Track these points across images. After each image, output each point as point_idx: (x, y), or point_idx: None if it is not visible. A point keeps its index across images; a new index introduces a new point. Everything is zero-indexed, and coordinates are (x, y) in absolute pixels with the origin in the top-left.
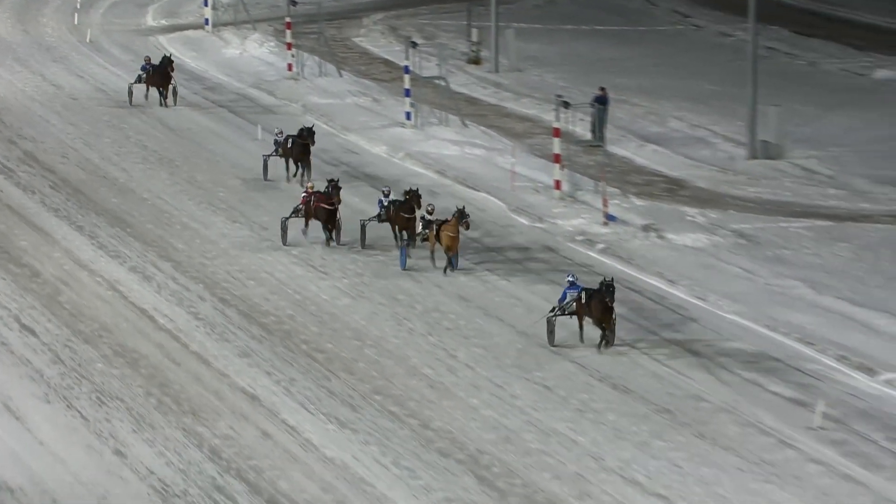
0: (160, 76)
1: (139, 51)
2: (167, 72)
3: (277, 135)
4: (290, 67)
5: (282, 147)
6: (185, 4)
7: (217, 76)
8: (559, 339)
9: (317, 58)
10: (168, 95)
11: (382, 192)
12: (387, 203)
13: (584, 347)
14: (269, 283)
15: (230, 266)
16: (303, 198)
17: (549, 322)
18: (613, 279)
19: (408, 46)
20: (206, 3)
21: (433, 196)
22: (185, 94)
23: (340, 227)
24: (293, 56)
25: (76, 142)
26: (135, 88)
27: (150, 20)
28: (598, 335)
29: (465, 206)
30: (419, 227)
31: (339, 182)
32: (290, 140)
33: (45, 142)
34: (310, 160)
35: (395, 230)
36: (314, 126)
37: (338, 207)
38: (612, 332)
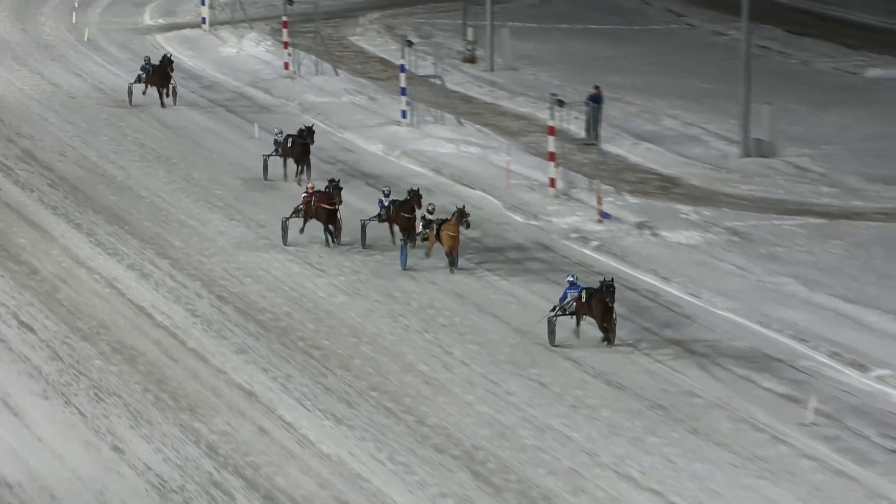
0: (160, 76)
1: (137, 49)
2: (167, 72)
3: (277, 134)
4: (287, 66)
5: (281, 147)
6: (183, 3)
7: (214, 75)
8: (559, 339)
9: (313, 56)
10: (169, 95)
11: (383, 192)
12: (387, 203)
13: (580, 344)
14: (266, 281)
15: (227, 263)
16: (303, 198)
17: (550, 322)
18: (613, 279)
19: (404, 45)
20: (203, 2)
21: (429, 194)
22: (183, 93)
23: (341, 228)
24: (290, 55)
25: (74, 140)
26: (134, 88)
27: (148, 19)
28: (598, 334)
29: (465, 206)
30: (419, 227)
31: (340, 182)
32: (290, 139)
33: (44, 140)
34: (310, 160)
35: (392, 229)
36: (314, 125)
37: (338, 208)
38: (613, 332)
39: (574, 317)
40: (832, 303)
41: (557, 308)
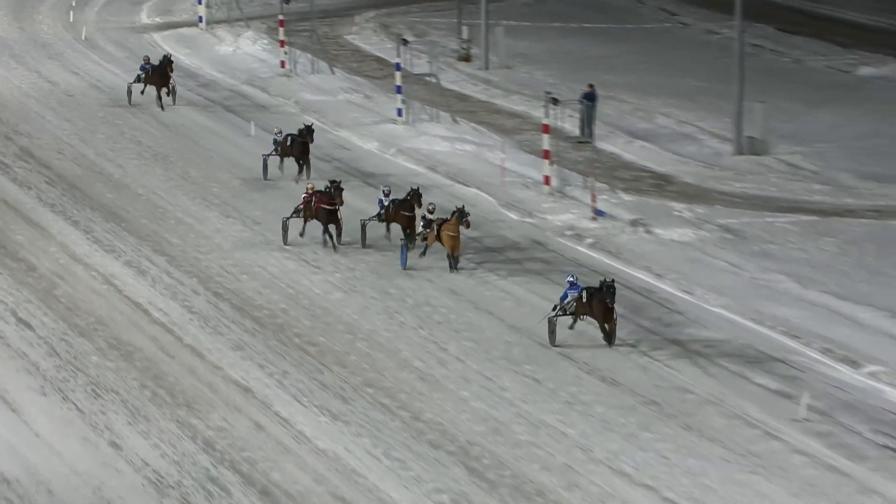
0: (159, 76)
1: (134, 48)
2: (166, 72)
3: (277, 134)
4: (283, 64)
5: (281, 146)
6: (179, 2)
7: (211, 73)
8: (560, 339)
9: (309, 55)
10: (169, 94)
11: (383, 192)
12: (387, 203)
13: (575, 342)
14: (263, 278)
15: (224, 260)
16: (303, 198)
17: (551, 322)
18: (614, 280)
19: (399, 44)
20: (200, 1)
21: (425, 192)
22: (180, 92)
23: (342, 228)
24: (286, 53)
25: (72, 138)
26: (134, 88)
27: (145, 18)
28: (594, 332)
29: (465, 206)
30: (419, 227)
31: (342, 183)
32: (290, 138)
33: (41, 138)
34: (309, 159)
35: (389, 227)
36: (313, 124)
37: (338, 208)
38: (614, 333)
39: (574, 316)
40: (824, 300)
41: (558, 308)
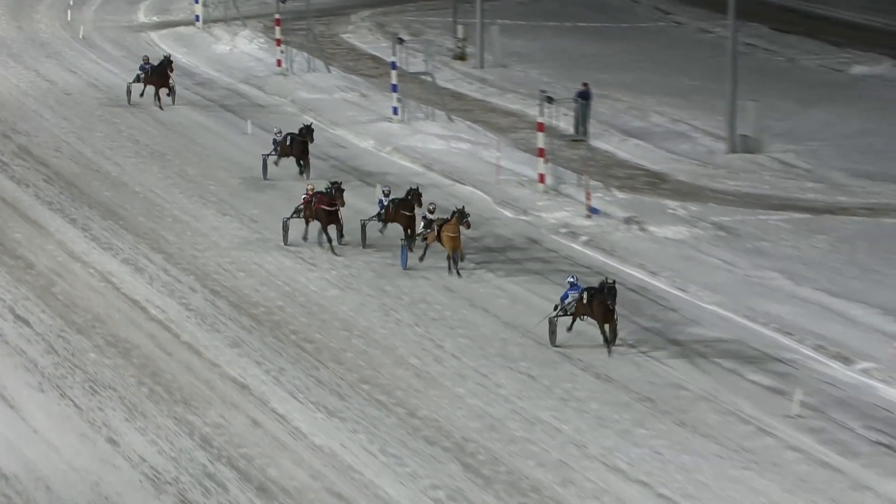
0: (158, 76)
1: (131, 47)
2: (166, 72)
3: (276, 134)
4: (280, 63)
5: (280, 145)
6: (177, 1)
7: (208, 72)
8: (560, 340)
9: (305, 54)
10: (169, 94)
11: (383, 192)
12: (387, 202)
13: (570, 339)
14: (259, 275)
15: (221, 258)
16: (303, 199)
17: (551, 322)
18: (615, 280)
19: (395, 43)
20: (197, 0)
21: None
22: (178, 91)
23: (342, 228)
24: (282, 52)
25: (69, 136)
26: (133, 88)
27: (142, 17)
28: (593, 331)
29: (465, 206)
30: (420, 227)
31: (342, 184)
32: (290, 138)
33: (39, 136)
34: (309, 158)
35: (385, 227)
36: (312, 124)
37: (338, 209)
38: (615, 333)
39: (573, 317)
40: (817, 296)
41: (559, 308)
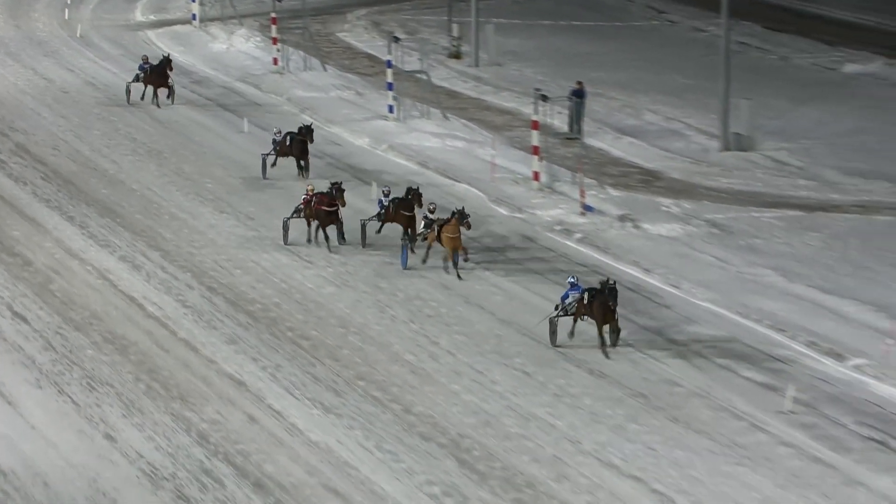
0: (158, 75)
1: (128, 45)
2: (165, 71)
3: (275, 134)
4: (276, 62)
5: (280, 145)
6: (173, 0)
7: (204, 70)
8: (561, 340)
9: (302, 52)
10: (168, 95)
11: (382, 192)
12: (387, 203)
13: (565, 336)
14: (256, 272)
15: (217, 255)
16: (304, 199)
17: (552, 322)
18: (616, 281)
19: (390, 41)
20: None
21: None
22: (175, 89)
23: (342, 228)
24: (278, 51)
25: (67, 134)
26: (132, 87)
27: (139, 15)
28: (601, 334)
29: (465, 206)
30: (421, 226)
31: (343, 184)
32: (289, 137)
33: (37, 134)
34: (308, 158)
35: (383, 226)
36: (313, 124)
37: (338, 208)
38: (615, 333)
39: (574, 317)
40: (810, 293)
41: (559, 309)
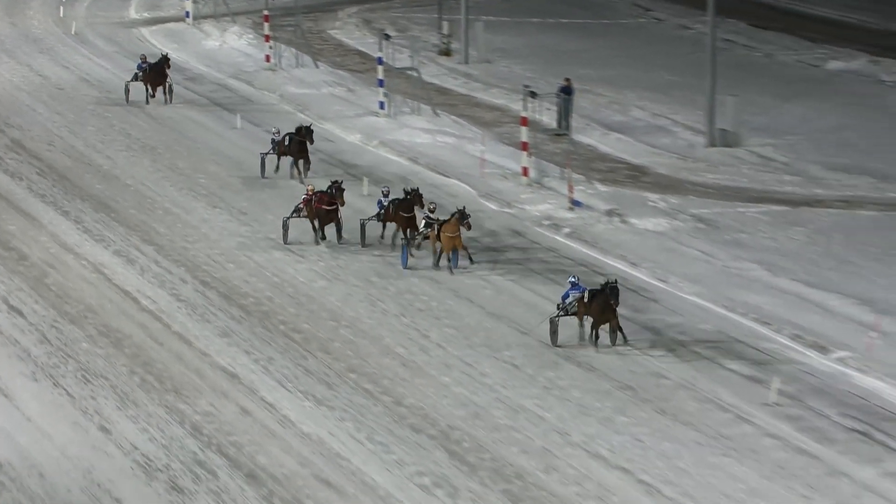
0: (156, 74)
1: (123, 43)
2: (163, 70)
3: (274, 134)
4: (268, 59)
5: (279, 145)
6: None
7: (198, 67)
8: (561, 340)
9: (294, 49)
10: (165, 94)
11: (382, 192)
12: (386, 203)
13: (568, 336)
14: (248, 266)
15: (210, 250)
16: (304, 198)
17: (553, 322)
18: (617, 280)
19: (381, 38)
20: None
21: (405, 183)
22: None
23: (342, 227)
24: (271, 48)
25: (62, 130)
26: (131, 86)
27: (133, 13)
28: (595, 331)
29: (465, 207)
30: (421, 226)
31: (343, 183)
32: (288, 137)
33: (32, 130)
34: (308, 157)
35: (385, 227)
36: (312, 124)
37: (338, 207)
38: (616, 333)
39: (577, 318)
40: (794, 287)
41: (560, 308)
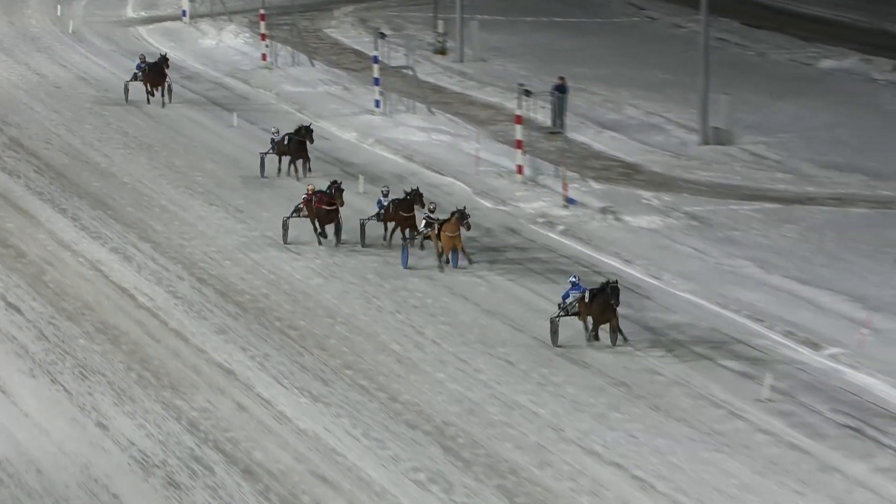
0: (155, 74)
1: (120, 41)
2: (163, 70)
3: (274, 134)
4: (265, 57)
5: (278, 145)
6: None
7: (194, 65)
8: (562, 340)
9: (290, 48)
10: (164, 94)
11: (381, 192)
12: (386, 203)
13: (568, 337)
14: (245, 264)
15: (207, 247)
16: (304, 198)
17: (553, 322)
18: (618, 280)
19: (377, 37)
20: None
21: (402, 181)
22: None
23: (341, 227)
24: (267, 46)
25: (59, 128)
26: (131, 86)
27: (130, 12)
28: (595, 330)
29: (466, 207)
30: (422, 226)
31: (342, 184)
32: (288, 137)
33: (30, 128)
34: (308, 156)
35: (386, 227)
36: (312, 125)
37: (338, 207)
38: (616, 332)
39: (580, 318)
40: (787, 284)
41: (560, 308)
